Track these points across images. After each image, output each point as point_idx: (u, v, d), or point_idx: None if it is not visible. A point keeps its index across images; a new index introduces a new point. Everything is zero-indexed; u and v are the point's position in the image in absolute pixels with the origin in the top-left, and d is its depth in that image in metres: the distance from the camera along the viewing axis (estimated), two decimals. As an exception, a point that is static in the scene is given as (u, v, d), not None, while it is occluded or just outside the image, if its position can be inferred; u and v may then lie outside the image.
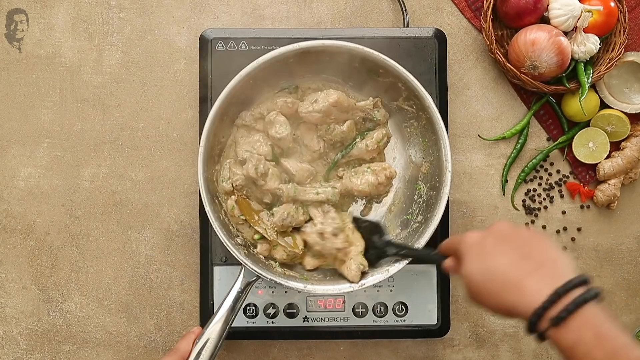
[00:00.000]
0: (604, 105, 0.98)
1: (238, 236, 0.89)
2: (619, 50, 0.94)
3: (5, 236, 0.98)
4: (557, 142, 0.98)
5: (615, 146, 0.99)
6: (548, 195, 0.99)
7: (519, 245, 0.66)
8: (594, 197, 0.98)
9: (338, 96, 0.89)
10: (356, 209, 0.95)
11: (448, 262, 0.75)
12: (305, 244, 0.90)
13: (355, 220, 0.92)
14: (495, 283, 0.64)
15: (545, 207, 0.99)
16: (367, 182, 0.91)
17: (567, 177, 0.99)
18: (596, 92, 0.97)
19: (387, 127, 0.95)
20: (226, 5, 1.00)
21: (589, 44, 0.93)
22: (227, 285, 0.85)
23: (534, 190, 0.99)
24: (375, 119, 0.93)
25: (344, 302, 0.94)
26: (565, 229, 0.99)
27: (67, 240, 0.98)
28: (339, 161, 0.93)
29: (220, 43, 0.93)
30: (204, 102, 0.93)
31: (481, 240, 0.69)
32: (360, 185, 0.91)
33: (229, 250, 0.82)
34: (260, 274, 0.82)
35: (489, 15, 0.94)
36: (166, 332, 0.98)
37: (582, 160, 0.98)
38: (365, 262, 0.87)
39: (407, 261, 0.85)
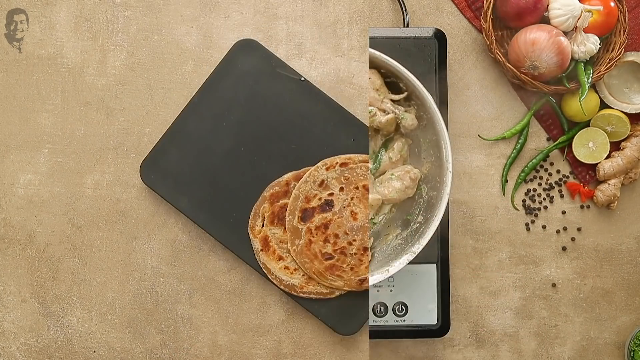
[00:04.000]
0: (604, 105, 0.98)
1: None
2: (619, 50, 0.94)
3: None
4: (557, 142, 0.99)
5: (615, 146, 0.99)
6: (548, 195, 0.99)
7: None
8: (594, 197, 0.98)
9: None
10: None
11: None
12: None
13: None
14: None
15: (545, 207, 0.99)
16: (395, 188, 0.91)
17: (567, 177, 0.99)
18: (596, 92, 0.97)
19: (405, 135, 0.93)
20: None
21: (589, 44, 0.93)
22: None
23: (534, 190, 0.99)
24: (402, 119, 0.90)
25: (345, 302, 0.94)
26: (565, 229, 0.99)
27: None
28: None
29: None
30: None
31: None
32: (389, 194, 0.91)
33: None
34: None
35: (489, 15, 0.94)
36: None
37: (582, 160, 0.98)
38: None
39: (407, 261, 0.85)
